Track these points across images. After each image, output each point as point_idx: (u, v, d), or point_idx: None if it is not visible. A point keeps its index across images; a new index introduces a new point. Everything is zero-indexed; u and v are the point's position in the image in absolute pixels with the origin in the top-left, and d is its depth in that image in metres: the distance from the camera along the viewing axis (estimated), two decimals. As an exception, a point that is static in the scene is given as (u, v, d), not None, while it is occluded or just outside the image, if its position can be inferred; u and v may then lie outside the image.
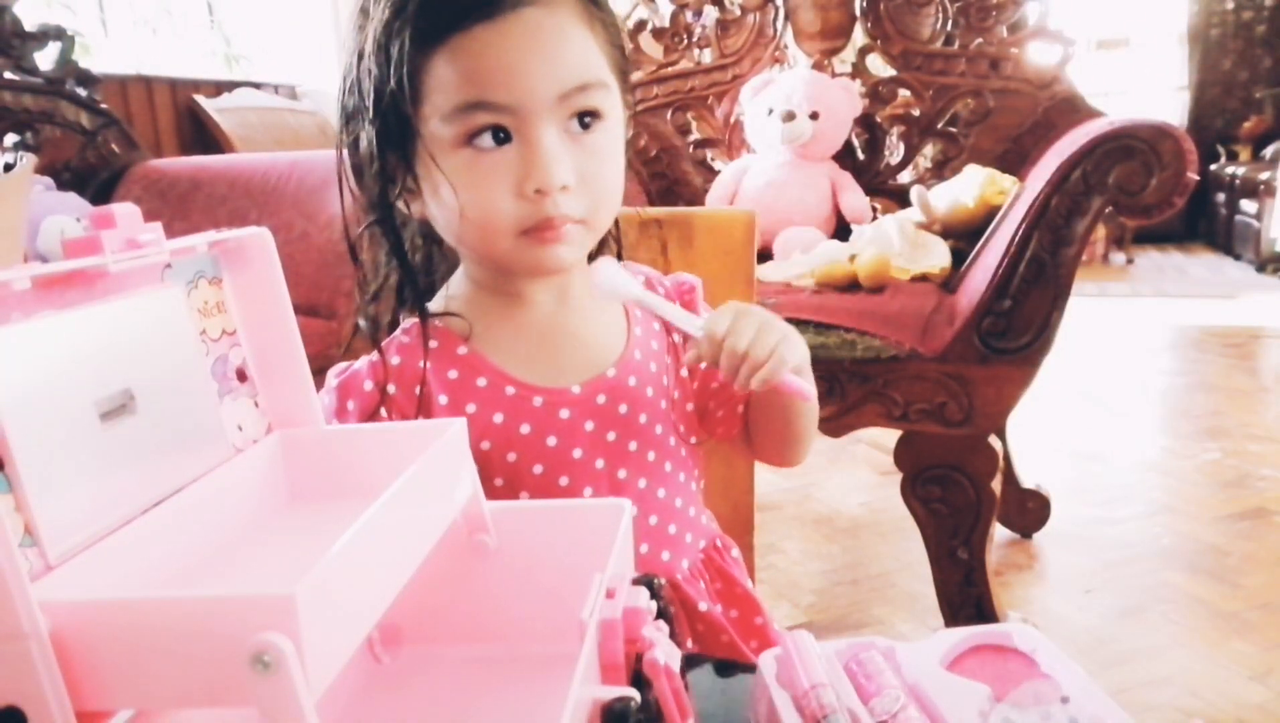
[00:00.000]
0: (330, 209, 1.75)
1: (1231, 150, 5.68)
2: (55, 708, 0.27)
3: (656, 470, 0.69)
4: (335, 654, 0.29)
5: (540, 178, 0.59)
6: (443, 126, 0.59)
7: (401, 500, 0.35)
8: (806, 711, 0.43)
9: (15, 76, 1.92)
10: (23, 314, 0.32)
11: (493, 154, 0.59)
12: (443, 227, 0.64)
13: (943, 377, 1.31)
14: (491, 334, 0.66)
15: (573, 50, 0.60)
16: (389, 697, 0.45)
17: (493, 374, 0.65)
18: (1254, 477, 2.17)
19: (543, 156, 0.58)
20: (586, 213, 0.62)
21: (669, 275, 0.76)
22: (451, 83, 0.58)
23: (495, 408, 0.64)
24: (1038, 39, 1.65)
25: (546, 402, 0.65)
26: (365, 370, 0.65)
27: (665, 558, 0.69)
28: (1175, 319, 3.93)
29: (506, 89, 0.58)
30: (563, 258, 0.63)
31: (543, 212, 0.60)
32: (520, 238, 0.61)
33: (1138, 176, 1.24)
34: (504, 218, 0.60)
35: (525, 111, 0.58)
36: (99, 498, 0.35)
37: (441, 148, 0.60)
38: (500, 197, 0.59)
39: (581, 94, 0.60)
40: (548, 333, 0.67)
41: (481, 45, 0.58)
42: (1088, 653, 1.49)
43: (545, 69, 0.58)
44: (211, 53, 3.73)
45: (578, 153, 0.60)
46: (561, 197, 0.60)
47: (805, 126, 1.70)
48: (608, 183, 0.63)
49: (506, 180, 0.59)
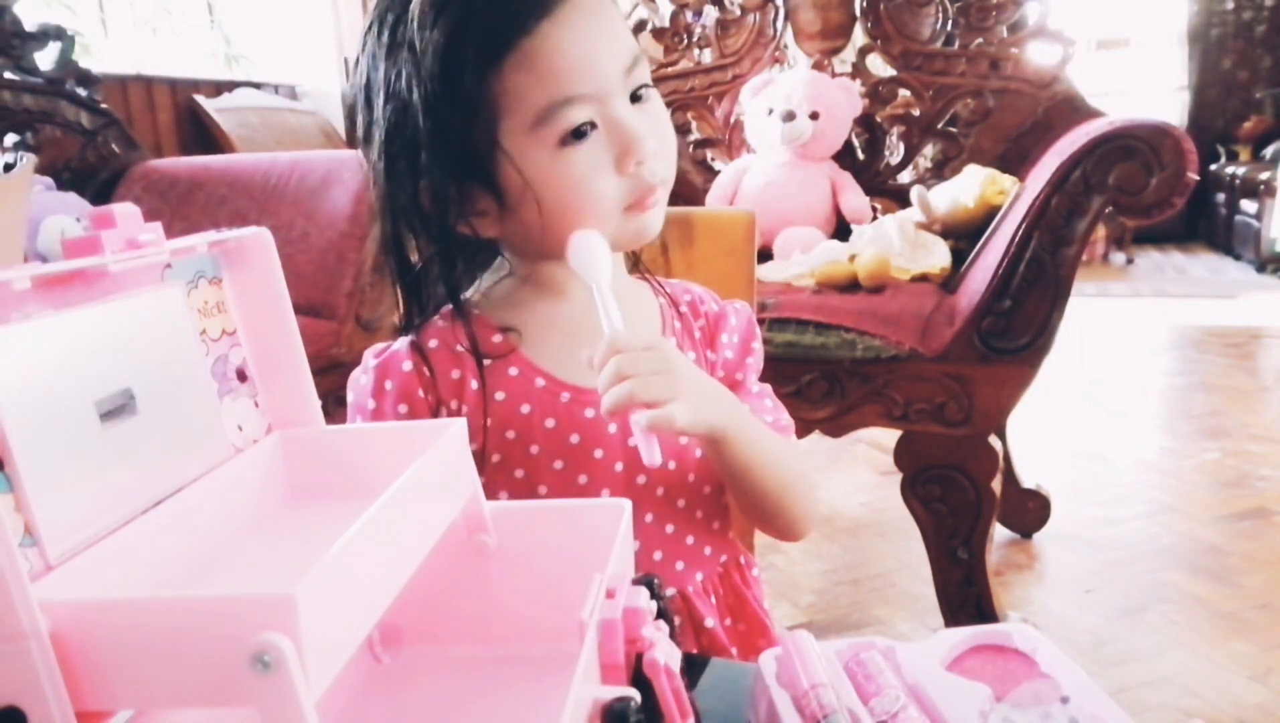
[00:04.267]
0: (330, 209, 1.75)
1: (1231, 150, 5.68)
2: (55, 708, 0.27)
3: (677, 479, 0.69)
4: (335, 654, 0.29)
5: (638, 148, 0.60)
6: (530, 134, 0.59)
7: (401, 500, 0.35)
8: (806, 711, 0.43)
9: (15, 76, 1.93)
10: (23, 314, 0.32)
11: (582, 146, 0.60)
12: (532, 231, 0.63)
13: (943, 377, 1.31)
14: (527, 326, 0.67)
15: (619, 24, 0.62)
16: (389, 697, 0.45)
17: (524, 365, 0.66)
18: (1254, 477, 2.17)
19: (634, 130, 0.60)
20: (666, 173, 0.64)
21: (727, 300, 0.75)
22: (529, 88, 0.58)
23: (524, 399, 0.65)
24: (1038, 39, 1.65)
25: (573, 398, 0.65)
26: (405, 351, 0.65)
27: (679, 568, 0.69)
28: (1175, 319, 3.93)
29: (584, 78, 0.59)
30: (656, 222, 0.65)
31: (643, 180, 0.62)
32: (625, 213, 0.63)
33: (1138, 176, 1.24)
34: (610, 199, 0.61)
35: (605, 94, 0.60)
36: (99, 498, 0.35)
37: (530, 155, 0.60)
38: (601, 179, 0.61)
39: (638, 67, 0.62)
40: (581, 329, 0.66)
41: (551, 43, 0.58)
42: (1088, 653, 1.49)
43: (609, 48, 0.60)
44: (211, 53, 3.73)
45: (645, 118, 0.62)
46: (653, 162, 0.62)
47: (805, 126, 1.70)
48: (672, 138, 0.66)
49: (602, 162, 0.60)
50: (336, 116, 3.75)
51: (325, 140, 3.50)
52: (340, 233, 1.72)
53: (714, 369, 0.72)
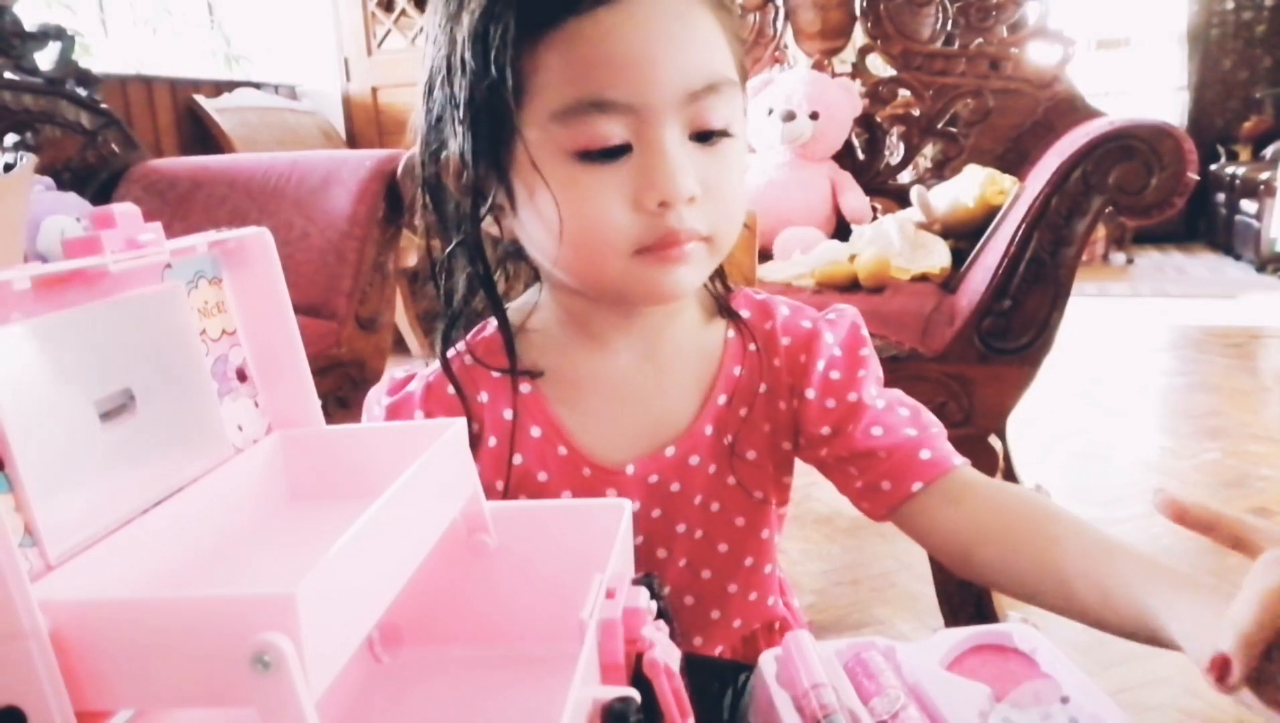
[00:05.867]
0: (330, 209, 1.75)
1: (1231, 150, 5.68)
2: (55, 708, 0.27)
3: (704, 550, 0.63)
4: (335, 654, 0.29)
5: (665, 188, 0.50)
6: (549, 130, 0.50)
7: (401, 500, 0.35)
8: (806, 711, 0.43)
9: (15, 76, 1.92)
10: (23, 314, 0.32)
11: (605, 167, 0.51)
12: (539, 246, 0.55)
13: (943, 377, 1.31)
14: (561, 378, 0.60)
15: (702, 41, 0.51)
16: (389, 697, 0.45)
17: (549, 427, 0.59)
18: (1254, 477, 2.17)
19: (668, 163, 0.50)
20: (711, 229, 0.53)
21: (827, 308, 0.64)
22: (563, 76, 0.49)
23: (542, 466, 0.59)
24: (1038, 39, 1.65)
25: (595, 475, 0.59)
26: (418, 399, 0.59)
27: (697, 643, 0.64)
28: (1175, 319, 3.93)
29: (628, 84, 0.49)
30: (683, 281, 0.53)
31: (665, 225, 0.51)
32: (635, 258, 0.52)
33: (1138, 176, 1.24)
34: (617, 234, 0.51)
35: (648, 112, 0.50)
36: (99, 498, 0.35)
37: (546, 154, 0.51)
38: (614, 210, 0.51)
39: (711, 95, 0.51)
40: (619, 391, 0.60)
41: (600, 31, 0.49)
42: (1088, 653, 1.49)
43: (672, 60, 0.49)
44: (211, 53, 3.73)
45: (702, 159, 0.52)
46: (686, 210, 0.51)
47: (805, 126, 1.70)
48: (735, 194, 0.54)
49: (622, 191, 0.51)
50: (336, 116, 3.75)
51: (325, 140, 3.50)
52: (340, 233, 1.72)
53: (809, 409, 0.61)
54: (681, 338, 0.61)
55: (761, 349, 0.62)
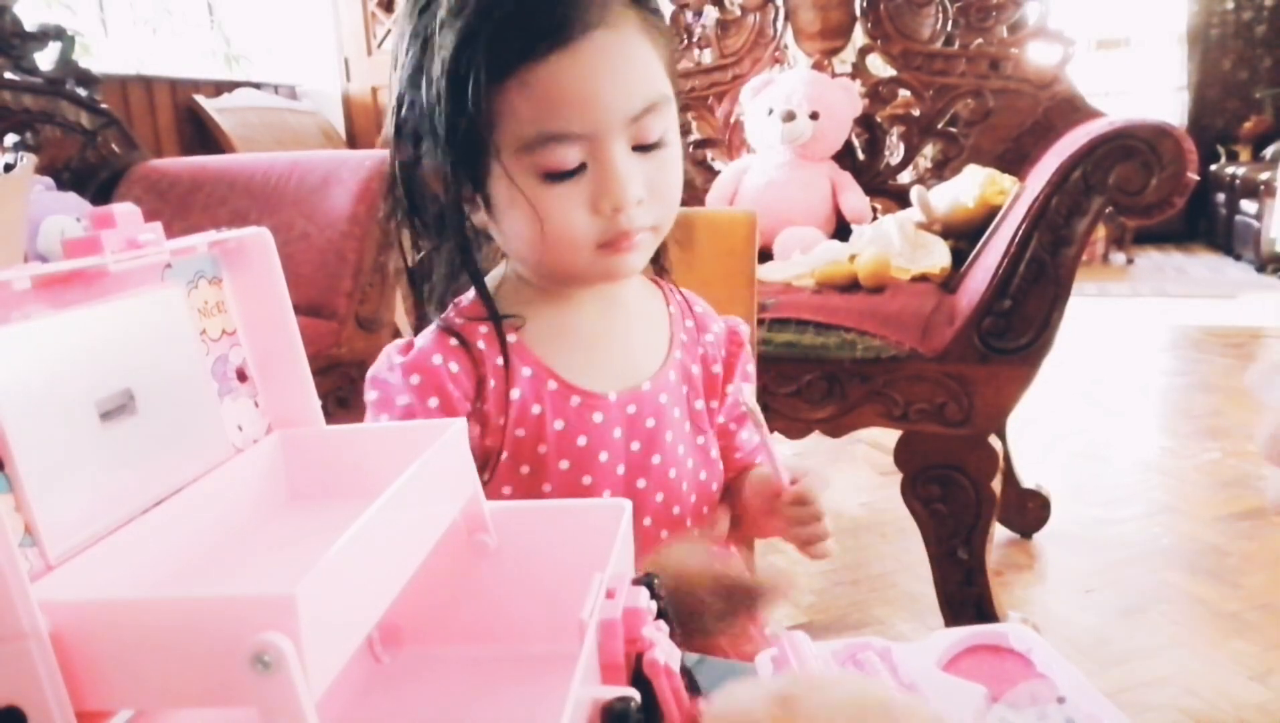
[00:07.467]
0: (330, 209, 1.75)
1: (1231, 150, 5.68)
2: (55, 708, 0.27)
3: (675, 489, 0.71)
4: (335, 654, 0.29)
5: (618, 196, 0.60)
6: (519, 158, 0.60)
7: (401, 500, 0.35)
8: (806, 711, 0.43)
9: (15, 76, 1.92)
10: (23, 314, 0.32)
11: (564, 184, 0.61)
12: (513, 242, 0.65)
13: (943, 377, 1.31)
14: (538, 329, 0.68)
15: (639, 70, 0.61)
16: (389, 697, 0.45)
17: (537, 366, 0.67)
18: (1254, 477, 2.17)
19: (618, 178, 0.60)
20: (656, 221, 0.64)
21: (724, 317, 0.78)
22: (525, 114, 0.59)
23: (535, 400, 0.67)
24: (1038, 39, 1.65)
25: (583, 403, 0.67)
26: (431, 346, 0.66)
27: None
28: (1175, 319, 3.93)
29: (581, 118, 0.59)
30: (634, 264, 0.65)
31: (619, 226, 0.62)
32: (597, 251, 0.63)
33: (1138, 176, 1.24)
34: (582, 235, 0.62)
35: (599, 137, 0.59)
36: (99, 498, 0.35)
37: (518, 175, 0.61)
38: (577, 217, 0.61)
39: (649, 115, 0.61)
40: (590, 336, 0.69)
41: (554, 74, 0.58)
42: (1088, 653, 1.49)
43: (616, 93, 0.59)
44: (211, 53, 3.73)
45: (645, 166, 0.62)
46: (635, 210, 0.62)
47: (805, 126, 1.70)
48: (674, 190, 0.66)
49: (582, 200, 0.61)
50: (336, 116, 3.75)
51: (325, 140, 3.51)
52: (340, 233, 1.72)
53: (717, 383, 0.74)
54: (632, 297, 0.72)
55: (696, 326, 0.75)
